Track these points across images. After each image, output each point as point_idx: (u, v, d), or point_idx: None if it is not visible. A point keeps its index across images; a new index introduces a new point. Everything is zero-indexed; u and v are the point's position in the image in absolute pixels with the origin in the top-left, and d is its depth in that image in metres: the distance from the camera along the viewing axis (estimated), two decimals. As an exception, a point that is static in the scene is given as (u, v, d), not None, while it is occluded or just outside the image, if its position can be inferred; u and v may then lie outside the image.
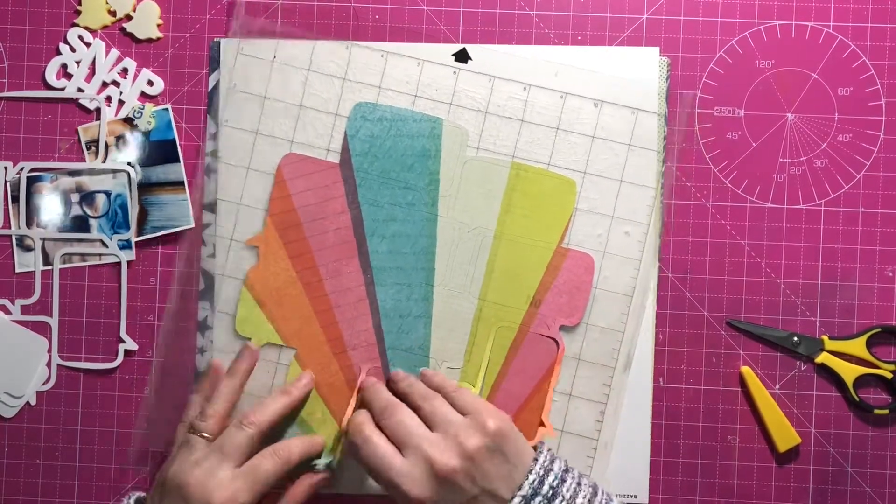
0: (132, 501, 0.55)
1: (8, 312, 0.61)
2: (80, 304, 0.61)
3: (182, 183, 0.61)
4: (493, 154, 0.60)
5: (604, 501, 0.51)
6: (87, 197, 0.61)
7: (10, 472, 0.61)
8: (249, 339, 0.60)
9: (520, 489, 0.50)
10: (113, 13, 0.61)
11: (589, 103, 0.60)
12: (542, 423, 0.59)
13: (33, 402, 0.61)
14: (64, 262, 0.61)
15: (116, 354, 0.61)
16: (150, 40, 0.61)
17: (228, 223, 0.60)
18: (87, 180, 0.61)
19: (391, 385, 0.58)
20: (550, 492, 0.50)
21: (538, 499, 0.50)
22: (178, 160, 0.61)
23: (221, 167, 0.60)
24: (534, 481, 0.50)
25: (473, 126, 0.60)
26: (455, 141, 0.60)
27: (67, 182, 0.61)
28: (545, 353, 0.60)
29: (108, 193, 0.61)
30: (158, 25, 0.61)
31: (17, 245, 0.61)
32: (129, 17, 0.61)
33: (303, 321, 0.60)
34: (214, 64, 0.61)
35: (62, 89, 0.61)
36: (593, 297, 0.60)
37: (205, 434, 0.55)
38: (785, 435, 0.59)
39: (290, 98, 0.60)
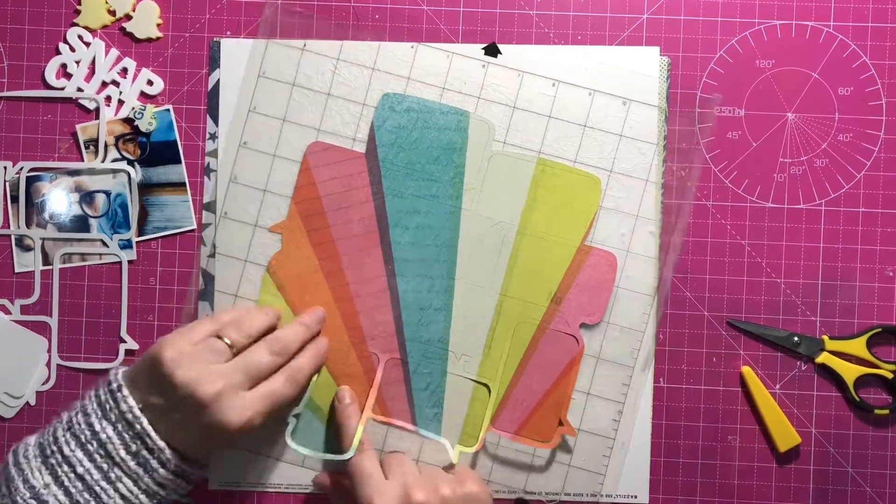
0: (119, 377, 0.52)
1: (8, 312, 0.61)
2: (80, 304, 0.61)
3: (183, 184, 0.61)
4: (519, 149, 0.60)
5: None
6: (87, 197, 0.61)
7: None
8: None
9: None
10: (112, 13, 0.61)
11: (617, 101, 0.60)
12: (560, 423, 0.59)
13: (33, 402, 0.61)
14: (64, 262, 0.61)
15: (116, 354, 0.61)
16: (149, 40, 0.61)
17: (253, 209, 0.60)
18: (87, 180, 0.61)
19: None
20: None
21: None
22: (179, 161, 0.61)
23: (246, 153, 0.60)
24: None
25: (501, 120, 0.60)
26: (482, 134, 0.60)
27: (67, 182, 0.61)
28: (565, 350, 0.60)
29: (107, 193, 0.61)
30: (158, 25, 0.61)
31: (17, 245, 0.61)
32: (128, 17, 0.61)
33: (322, 308, 0.60)
34: (214, 64, 0.61)
35: (62, 89, 0.61)
36: (615, 296, 0.60)
37: (230, 344, 0.53)
38: (785, 435, 0.59)
39: (318, 86, 0.60)
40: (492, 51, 0.59)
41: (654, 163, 0.60)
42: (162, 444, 0.50)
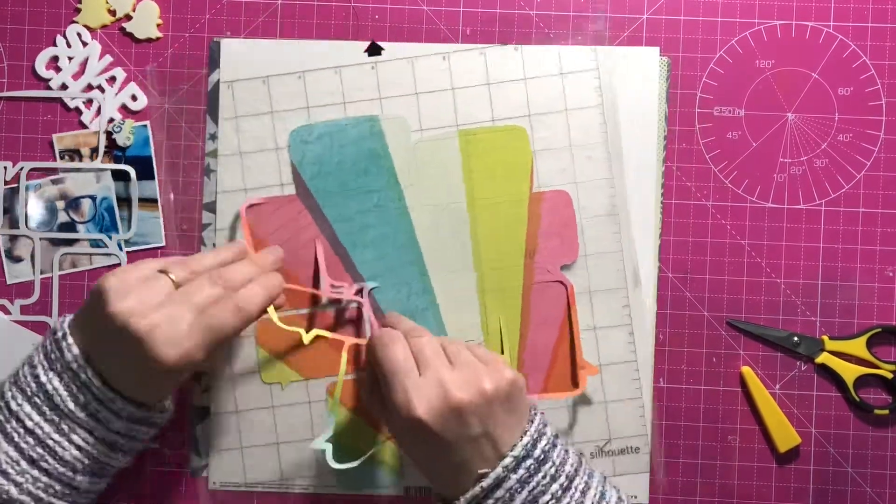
0: (65, 325, 0.50)
1: (7, 313, 0.61)
2: (80, 304, 0.61)
3: (155, 200, 0.61)
4: (437, 130, 0.60)
5: (588, 471, 0.50)
6: (73, 203, 0.61)
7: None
8: (279, 383, 0.60)
9: (512, 449, 0.48)
10: (113, 12, 0.61)
11: (509, 48, 0.60)
12: (581, 367, 0.59)
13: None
14: (63, 263, 0.61)
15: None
16: (149, 40, 0.61)
17: None
18: (72, 186, 0.61)
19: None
20: (542, 455, 0.49)
21: (529, 461, 0.48)
22: (152, 177, 0.61)
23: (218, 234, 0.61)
24: (527, 443, 0.49)
25: (409, 110, 0.60)
26: (397, 131, 0.60)
27: (52, 190, 0.61)
28: (557, 297, 0.60)
29: (93, 198, 0.61)
30: (158, 25, 0.61)
31: (7, 256, 0.61)
32: (128, 17, 0.61)
33: (319, 354, 0.60)
34: (214, 64, 0.61)
35: (48, 80, 0.61)
36: (581, 228, 0.60)
37: (173, 279, 0.49)
38: (785, 435, 0.59)
39: (229, 149, 0.60)
40: (374, 50, 0.59)
41: (568, 93, 0.60)
42: (111, 394, 0.48)
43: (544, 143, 0.60)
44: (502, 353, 0.60)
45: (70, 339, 0.48)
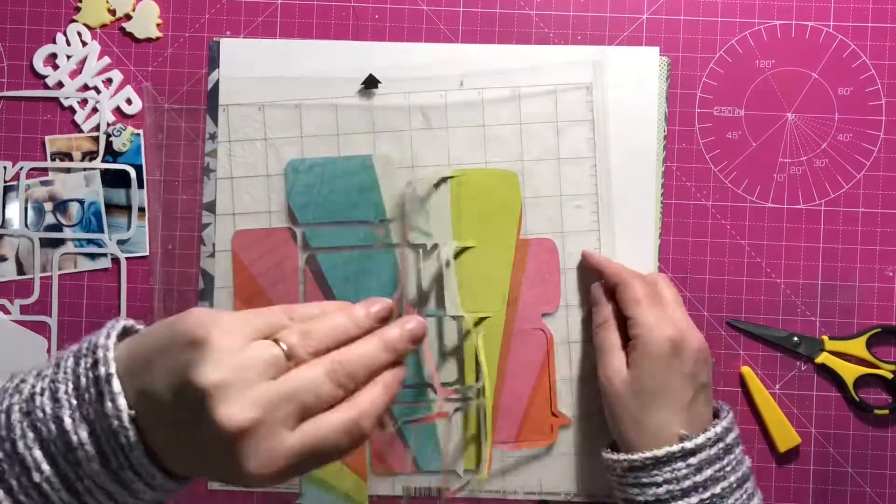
0: (110, 356, 0.37)
1: (7, 312, 0.61)
2: (80, 303, 0.61)
3: (143, 209, 0.61)
4: (430, 168, 0.60)
5: (754, 484, 0.53)
6: (61, 206, 0.61)
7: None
8: None
9: (714, 426, 0.52)
10: (113, 12, 0.61)
11: (506, 92, 0.60)
12: (555, 415, 0.59)
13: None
14: (62, 262, 0.61)
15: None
16: (149, 40, 0.61)
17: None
18: (60, 189, 0.61)
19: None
20: (731, 444, 0.52)
21: (721, 444, 0.51)
22: (141, 186, 0.61)
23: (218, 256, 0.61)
24: (727, 425, 0.52)
25: (403, 147, 0.60)
26: (389, 167, 0.60)
27: (40, 191, 0.61)
28: (536, 345, 0.60)
29: (81, 202, 0.61)
30: (158, 25, 0.61)
31: None
32: (128, 17, 0.61)
33: None
34: (214, 64, 0.61)
35: (45, 77, 0.61)
36: (564, 278, 0.60)
37: (285, 350, 0.37)
38: (785, 435, 0.59)
39: (221, 172, 0.61)
40: (371, 83, 0.59)
41: (559, 142, 0.60)
42: (153, 468, 0.36)
43: (534, 190, 0.60)
44: (487, 397, 0.59)
45: (115, 386, 0.36)
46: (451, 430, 0.60)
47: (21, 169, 0.61)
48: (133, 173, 0.61)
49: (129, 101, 0.61)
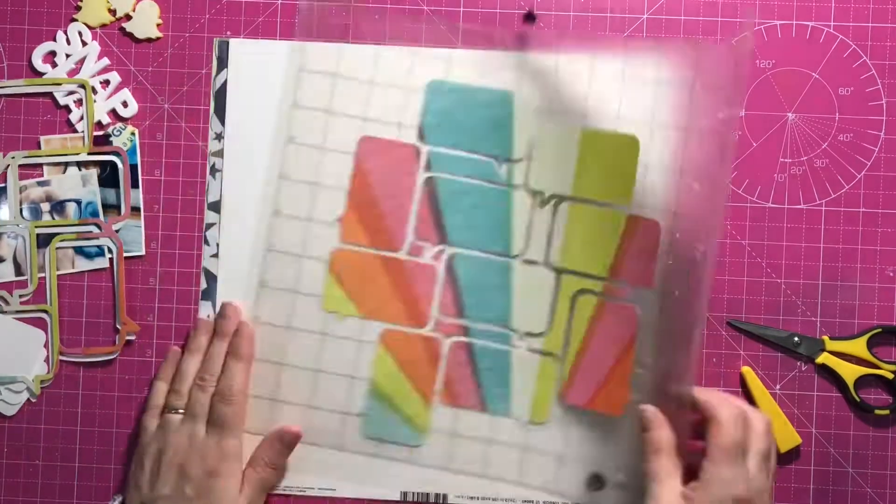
0: None
1: (6, 304, 0.61)
2: (80, 303, 0.61)
3: (138, 209, 0.61)
4: (563, 118, 0.60)
5: None
6: (58, 206, 0.61)
7: (9, 472, 0.61)
8: (337, 312, 0.60)
9: None
10: (113, 12, 0.61)
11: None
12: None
13: (33, 399, 0.61)
14: (60, 256, 0.61)
15: (114, 344, 0.61)
16: (149, 40, 0.61)
17: (307, 204, 0.60)
18: (57, 189, 0.61)
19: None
20: None
21: None
22: (137, 185, 0.61)
23: (294, 149, 0.60)
24: None
25: (542, 94, 0.60)
26: (526, 110, 0.60)
27: (37, 192, 0.61)
28: (626, 321, 0.60)
29: (78, 202, 0.61)
30: (158, 25, 0.61)
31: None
32: (128, 17, 0.61)
33: (383, 298, 0.60)
34: (222, 64, 0.61)
35: (43, 73, 0.61)
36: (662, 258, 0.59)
37: (180, 410, 0.57)
38: (785, 435, 0.59)
39: (361, 74, 0.60)
40: (529, 18, 0.60)
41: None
42: None
43: (658, 157, 0.60)
44: (559, 353, 0.59)
45: None
46: (526, 379, 0.59)
47: (13, 158, 0.61)
48: (119, 163, 0.61)
49: (125, 104, 0.61)
